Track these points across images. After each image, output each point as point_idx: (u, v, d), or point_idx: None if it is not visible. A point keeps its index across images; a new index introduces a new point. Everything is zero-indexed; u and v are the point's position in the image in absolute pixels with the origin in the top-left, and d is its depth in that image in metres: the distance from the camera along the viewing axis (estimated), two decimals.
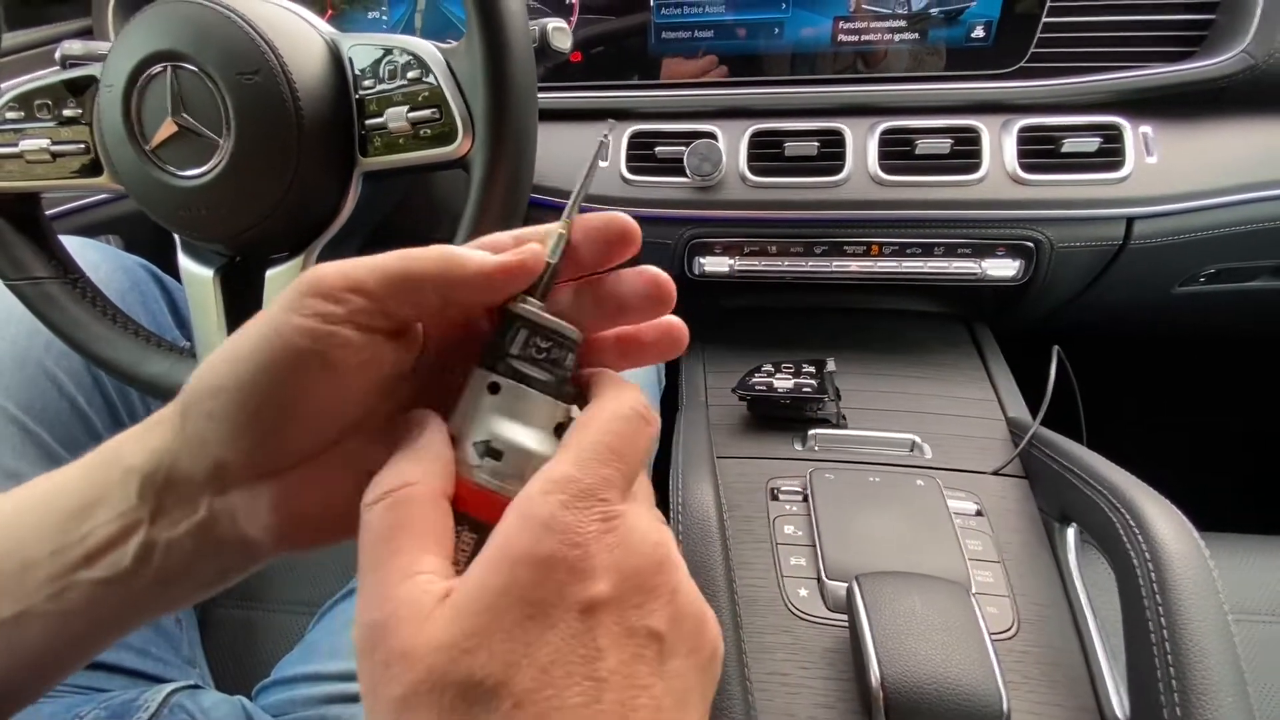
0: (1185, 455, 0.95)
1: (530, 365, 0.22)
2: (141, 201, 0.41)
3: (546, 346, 0.22)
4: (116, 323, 0.46)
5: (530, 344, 0.22)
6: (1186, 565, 0.36)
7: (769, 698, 0.40)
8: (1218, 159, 0.59)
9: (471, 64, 0.36)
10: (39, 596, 0.24)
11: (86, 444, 0.46)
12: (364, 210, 0.43)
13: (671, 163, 0.62)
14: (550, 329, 0.22)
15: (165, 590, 0.24)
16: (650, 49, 0.66)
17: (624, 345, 0.25)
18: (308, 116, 0.38)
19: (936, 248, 0.63)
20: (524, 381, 0.22)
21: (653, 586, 0.19)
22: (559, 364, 0.22)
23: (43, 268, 0.45)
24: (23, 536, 0.24)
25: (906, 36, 0.63)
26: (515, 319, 0.22)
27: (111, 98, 0.39)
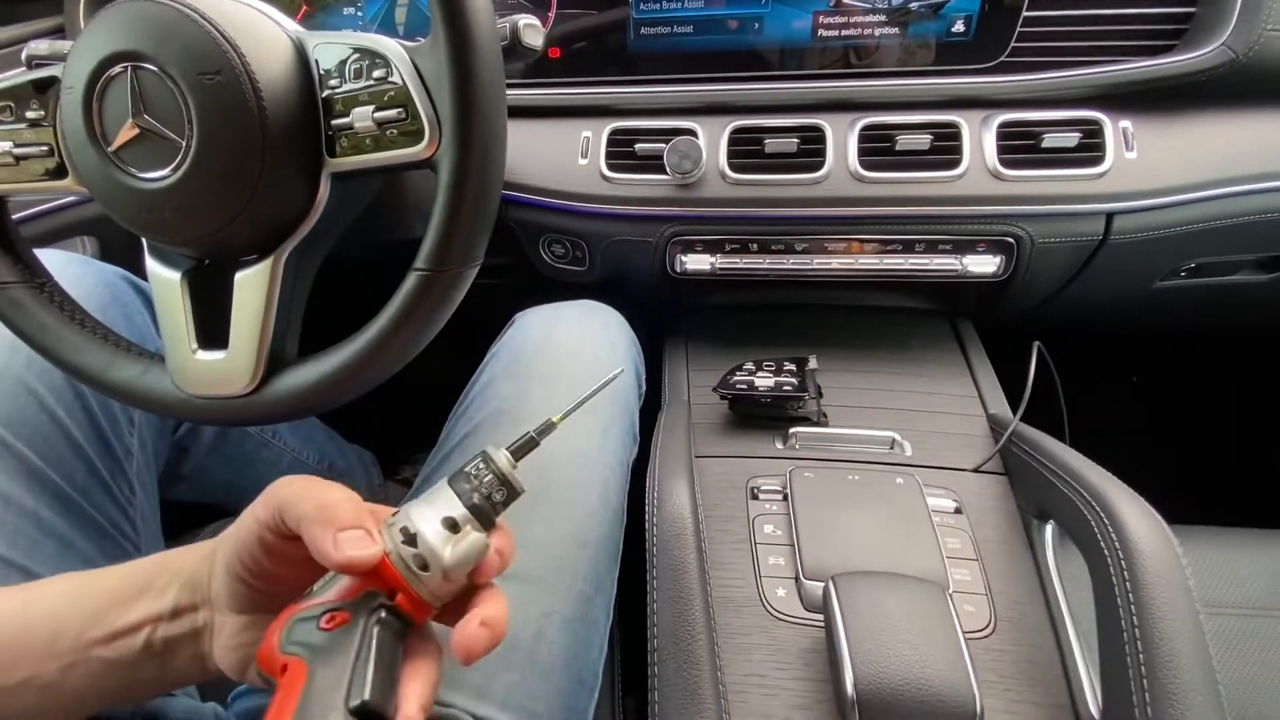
0: (1168, 450, 0.96)
1: (473, 490, 0.31)
2: (104, 204, 0.40)
3: (493, 486, 0.32)
4: (85, 328, 0.45)
5: (481, 479, 0.32)
6: (1158, 562, 0.36)
7: (744, 699, 0.40)
8: (1198, 153, 0.59)
9: (437, 62, 0.35)
10: (51, 666, 0.32)
11: (68, 458, 0.46)
12: (335, 211, 0.43)
13: (651, 160, 0.62)
14: (503, 477, 0.32)
15: (143, 680, 0.33)
16: (630, 45, 0.66)
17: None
18: (272, 117, 0.37)
19: (917, 244, 0.63)
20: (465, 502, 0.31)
21: None
22: (492, 500, 0.32)
23: (8, 272, 0.44)
24: (59, 611, 0.33)
25: (887, 32, 0.62)
26: (489, 462, 0.32)
27: (72, 99, 0.38)
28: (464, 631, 0.29)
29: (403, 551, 0.29)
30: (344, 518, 0.29)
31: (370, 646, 0.28)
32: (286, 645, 0.28)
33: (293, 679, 0.27)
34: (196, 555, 0.34)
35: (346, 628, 0.28)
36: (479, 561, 0.30)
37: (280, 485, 0.31)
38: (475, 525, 0.31)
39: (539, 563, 0.43)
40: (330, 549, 0.28)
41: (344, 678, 0.26)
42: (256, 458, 0.74)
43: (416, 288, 0.38)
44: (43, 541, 0.45)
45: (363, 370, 0.40)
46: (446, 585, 0.30)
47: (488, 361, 0.56)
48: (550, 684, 0.40)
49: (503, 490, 0.32)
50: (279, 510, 0.30)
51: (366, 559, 0.28)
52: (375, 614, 0.29)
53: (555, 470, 0.46)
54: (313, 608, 0.29)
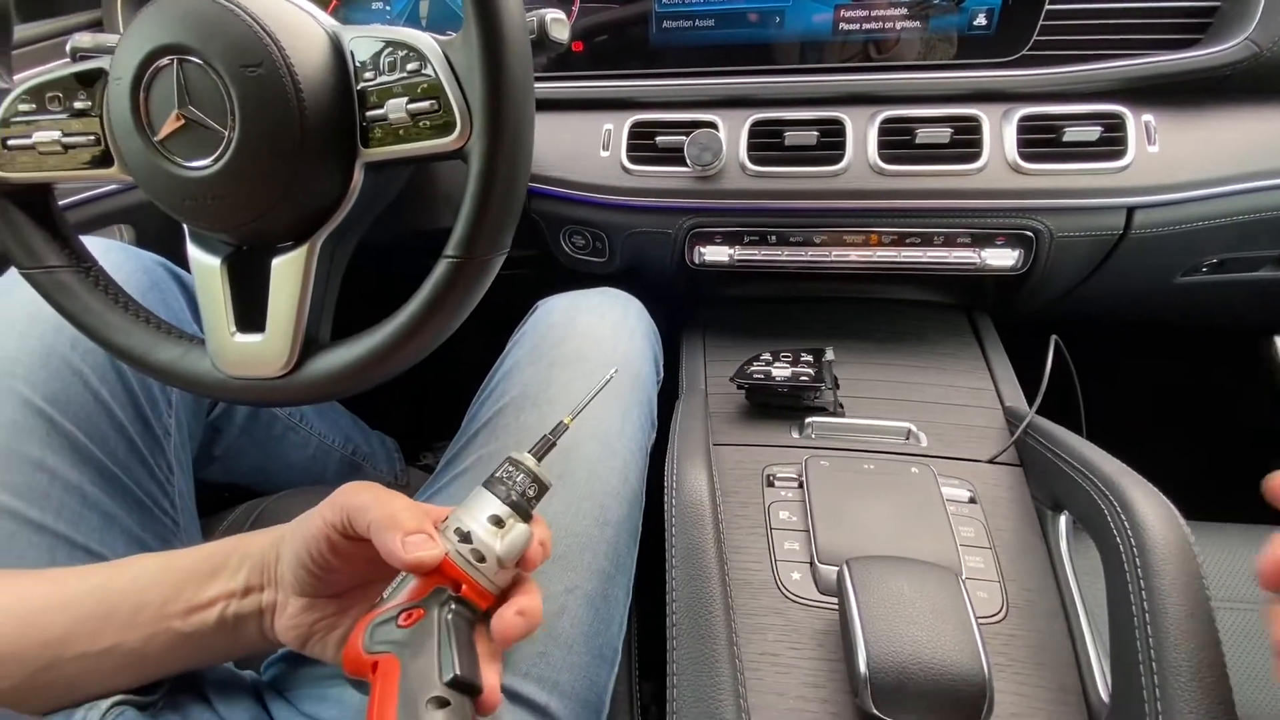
0: (1186, 446, 0.95)
1: (509, 490, 0.36)
2: (149, 192, 0.42)
3: (525, 484, 0.36)
4: (129, 310, 0.47)
5: (514, 479, 0.36)
6: (1170, 550, 0.36)
7: (759, 676, 0.41)
8: (1221, 148, 0.58)
9: (468, 56, 0.37)
10: (134, 636, 0.36)
11: (111, 436, 0.49)
12: (367, 200, 0.44)
13: (672, 152, 0.63)
14: (534, 476, 0.37)
15: (213, 649, 0.38)
16: (652, 38, 0.66)
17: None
18: (310, 108, 0.38)
19: (936, 237, 0.63)
20: (505, 501, 0.35)
21: None
22: (527, 496, 0.36)
23: (56, 256, 0.46)
24: (145, 585, 0.37)
25: (908, 25, 0.63)
26: (517, 465, 0.37)
27: (120, 90, 0.39)
28: (502, 619, 0.33)
29: (460, 549, 0.33)
30: (408, 523, 0.33)
31: (449, 631, 0.31)
32: (372, 645, 0.32)
33: (387, 671, 0.30)
34: (265, 541, 0.38)
35: (423, 622, 0.32)
36: (525, 550, 0.34)
37: (348, 492, 0.35)
38: (517, 519, 0.35)
39: (562, 540, 0.44)
40: (400, 551, 0.32)
41: (433, 660, 0.30)
42: (285, 441, 0.76)
43: (447, 274, 0.39)
44: (87, 515, 0.47)
45: (394, 354, 0.42)
46: (502, 574, 0.34)
47: (511, 347, 0.57)
48: (572, 657, 0.42)
49: (535, 486, 0.36)
50: (347, 514, 0.33)
51: (431, 559, 0.32)
52: (446, 605, 0.33)
53: (577, 452, 0.47)
54: (388, 611, 0.33)
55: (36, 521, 0.45)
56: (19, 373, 0.47)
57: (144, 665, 0.37)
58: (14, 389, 0.47)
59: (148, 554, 0.40)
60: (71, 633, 0.35)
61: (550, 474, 0.37)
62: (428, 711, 0.29)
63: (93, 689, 0.36)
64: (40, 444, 0.46)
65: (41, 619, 0.36)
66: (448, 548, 0.34)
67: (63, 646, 0.35)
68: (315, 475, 0.79)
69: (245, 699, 0.41)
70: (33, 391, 0.47)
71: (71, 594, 0.37)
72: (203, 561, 0.38)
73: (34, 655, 0.35)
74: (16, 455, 0.45)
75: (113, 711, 0.36)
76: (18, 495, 0.44)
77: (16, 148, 0.44)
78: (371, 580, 0.38)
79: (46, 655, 0.35)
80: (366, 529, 0.33)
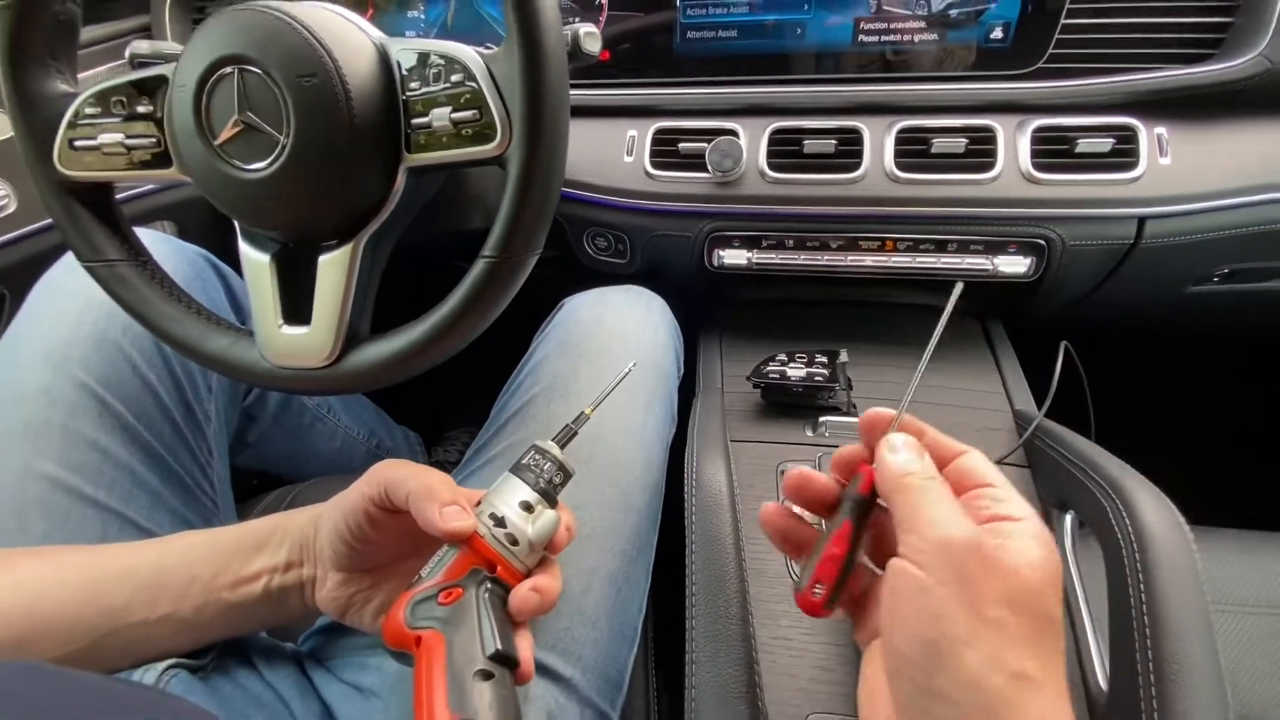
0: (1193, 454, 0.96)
1: (537, 477, 0.38)
2: (207, 192, 0.44)
3: (552, 472, 0.39)
4: (181, 302, 0.50)
5: (541, 467, 0.38)
6: (1169, 547, 0.38)
7: (773, 659, 0.43)
8: (1232, 160, 0.60)
9: (510, 69, 0.39)
10: (186, 605, 0.38)
11: (158, 419, 0.52)
12: (407, 202, 0.47)
13: (693, 158, 0.65)
14: (560, 463, 0.39)
15: (260, 618, 0.40)
16: (676, 48, 0.69)
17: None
18: (359, 116, 0.41)
19: (949, 244, 0.65)
20: (534, 487, 0.38)
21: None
22: (553, 483, 0.38)
23: (116, 251, 0.49)
24: (195, 559, 0.39)
25: (926, 37, 0.64)
26: (543, 453, 0.39)
27: (184, 97, 0.42)
28: (518, 594, 0.35)
29: (495, 532, 0.36)
30: (444, 495, 0.35)
31: (488, 609, 0.34)
32: (415, 622, 0.34)
33: (432, 646, 0.33)
34: (304, 519, 0.40)
35: (462, 600, 0.34)
36: (554, 534, 0.37)
37: (386, 466, 0.37)
38: (544, 505, 0.37)
39: (587, 522, 0.47)
40: (436, 519, 0.34)
41: (475, 635, 0.33)
42: (313, 431, 0.79)
43: (484, 272, 0.42)
44: (136, 493, 0.50)
45: (432, 347, 0.44)
46: (533, 555, 0.36)
47: (539, 342, 0.60)
48: (595, 633, 0.44)
49: (560, 473, 0.39)
50: (385, 487, 0.36)
51: (466, 528, 0.35)
52: (483, 585, 0.35)
53: (603, 441, 0.50)
54: (428, 589, 0.35)
55: (90, 497, 0.47)
56: (74, 356, 0.50)
57: (196, 631, 0.39)
58: (71, 372, 0.50)
59: (194, 531, 0.42)
60: (131, 601, 0.38)
61: (577, 462, 0.40)
62: (475, 682, 0.31)
63: (150, 653, 0.39)
64: (94, 424, 0.49)
65: (103, 589, 0.38)
66: (483, 531, 0.36)
67: (124, 614, 0.38)
68: (341, 465, 0.82)
69: (288, 665, 0.43)
70: (87, 375, 0.50)
71: (129, 566, 0.39)
72: (246, 538, 0.40)
73: (98, 622, 0.38)
74: (73, 434, 0.48)
75: (167, 673, 0.38)
76: (75, 472, 0.47)
77: (82, 148, 0.47)
78: (404, 555, 0.41)
79: (109, 623, 0.38)
80: (404, 500, 0.35)
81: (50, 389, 0.49)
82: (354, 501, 0.37)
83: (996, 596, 0.25)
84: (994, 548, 0.26)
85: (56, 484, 0.46)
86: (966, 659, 0.25)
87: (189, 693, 0.38)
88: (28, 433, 0.47)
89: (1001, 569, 0.26)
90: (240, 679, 0.41)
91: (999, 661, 0.24)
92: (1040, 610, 0.26)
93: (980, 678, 0.24)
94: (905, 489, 0.30)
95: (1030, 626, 0.25)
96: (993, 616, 0.25)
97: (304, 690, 0.42)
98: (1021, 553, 0.26)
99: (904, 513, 0.29)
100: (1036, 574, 0.26)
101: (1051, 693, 0.25)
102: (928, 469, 0.30)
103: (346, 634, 0.45)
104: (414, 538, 0.37)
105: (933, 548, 0.27)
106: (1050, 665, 0.25)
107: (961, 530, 0.27)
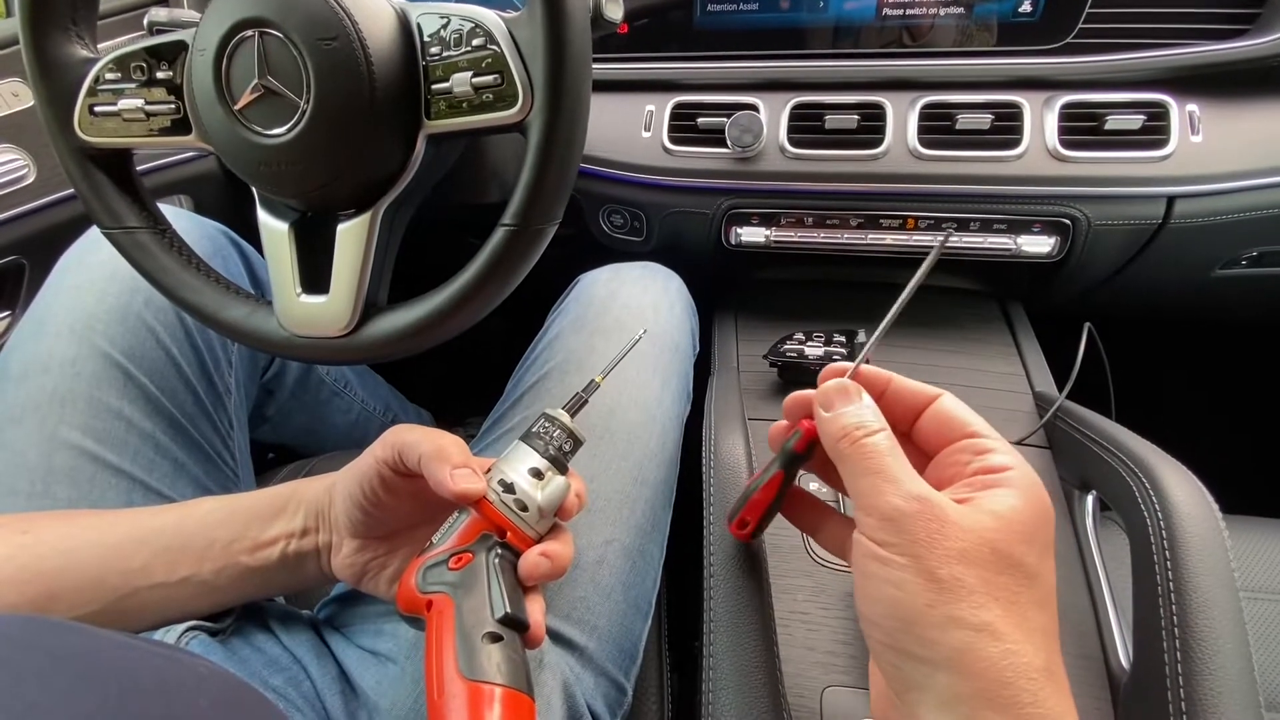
0: (1219, 439, 0.94)
1: (546, 445, 0.38)
2: (227, 158, 0.44)
3: (562, 439, 0.38)
4: (200, 271, 0.50)
5: (550, 434, 0.38)
6: (1197, 524, 0.37)
7: (790, 633, 0.43)
8: (1266, 139, 0.58)
9: (532, 32, 0.38)
10: (206, 568, 0.39)
11: (180, 390, 0.52)
12: (425, 171, 0.46)
13: (713, 133, 0.64)
14: (569, 430, 0.38)
15: (278, 582, 0.41)
16: (695, 21, 0.68)
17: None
18: (380, 80, 0.41)
19: (972, 223, 0.64)
20: (543, 454, 0.37)
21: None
22: (563, 450, 0.38)
23: (135, 218, 0.49)
24: (214, 524, 0.40)
25: (952, 10, 0.63)
26: (552, 420, 0.38)
27: (204, 62, 0.42)
28: (528, 559, 0.35)
29: (504, 498, 0.36)
30: (456, 457, 0.35)
31: (497, 574, 0.34)
32: (426, 586, 0.34)
33: (442, 610, 0.33)
34: (319, 486, 0.40)
35: (472, 565, 0.34)
36: (563, 501, 0.36)
37: (399, 430, 0.37)
38: (554, 472, 0.37)
39: (603, 495, 0.47)
40: (448, 482, 0.34)
41: (485, 599, 0.33)
42: (330, 405, 0.79)
43: (504, 241, 0.42)
44: (159, 462, 0.50)
45: (450, 317, 0.44)
46: (542, 521, 0.36)
47: (554, 317, 0.59)
48: (610, 603, 0.44)
49: (570, 441, 0.38)
50: (398, 450, 0.36)
51: (475, 490, 0.34)
52: (493, 550, 0.35)
53: (620, 415, 0.50)
54: (439, 555, 0.35)
55: (115, 465, 0.48)
56: (98, 328, 0.51)
57: (215, 594, 0.40)
58: (95, 343, 0.50)
59: (212, 496, 0.43)
60: (150, 564, 0.39)
61: (592, 435, 0.39)
62: (483, 644, 0.31)
63: (170, 615, 0.39)
64: (118, 394, 0.50)
65: (123, 551, 0.39)
66: (492, 497, 0.36)
67: (143, 576, 0.38)
68: (357, 439, 0.83)
69: (306, 630, 0.44)
70: (111, 346, 0.50)
71: (149, 530, 0.40)
72: (264, 504, 0.41)
73: (117, 584, 0.38)
74: (98, 403, 0.49)
75: (186, 635, 0.39)
76: (99, 440, 0.48)
77: (102, 114, 0.47)
78: (418, 523, 0.41)
79: (129, 584, 0.38)
80: (417, 462, 0.35)
81: (76, 360, 0.49)
82: (368, 465, 0.37)
83: (950, 556, 0.25)
84: (943, 508, 0.26)
85: (82, 452, 0.47)
86: (926, 618, 0.25)
87: (208, 654, 0.38)
88: (54, 402, 0.48)
89: (954, 529, 0.25)
90: (258, 642, 0.42)
91: (956, 619, 0.24)
92: (1004, 560, 0.25)
93: (940, 636, 0.25)
94: (843, 457, 0.29)
95: (988, 579, 0.25)
96: (947, 576, 0.25)
97: (321, 654, 0.42)
98: (984, 508, 0.26)
99: (850, 483, 0.29)
100: (1001, 525, 0.25)
101: (1016, 637, 0.24)
102: (868, 423, 0.29)
103: (363, 601, 0.46)
104: (428, 503, 0.37)
105: (880, 519, 0.27)
106: (1014, 613, 0.25)
107: (906, 497, 0.26)
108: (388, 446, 0.36)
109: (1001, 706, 0.24)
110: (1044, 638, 0.25)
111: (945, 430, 0.30)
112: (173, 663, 0.28)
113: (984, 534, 0.25)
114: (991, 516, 0.26)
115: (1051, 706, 0.24)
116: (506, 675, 0.31)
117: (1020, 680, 0.24)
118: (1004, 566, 0.25)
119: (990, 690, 0.24)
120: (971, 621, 0.24)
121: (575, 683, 0.42)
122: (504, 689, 0.30)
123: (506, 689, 0.30)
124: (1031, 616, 0.25)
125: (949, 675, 0.24)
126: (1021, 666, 0.24)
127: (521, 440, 0.38)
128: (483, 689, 0.30)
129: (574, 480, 0.38)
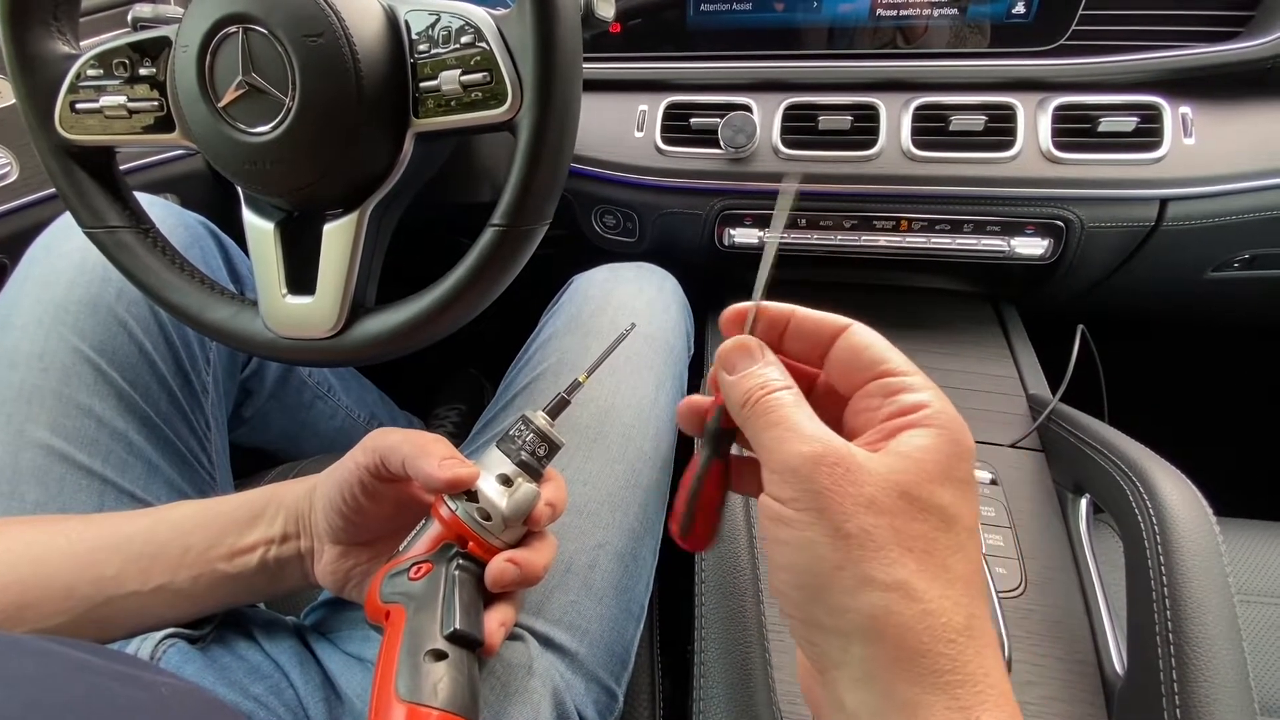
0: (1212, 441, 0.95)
1: (519, 450, 0.36)
2: (210, 156, 0.44)
3: (535, 444, 0.36)
4: (184, 271, 0.49)
5: (524, 439, 0.36)
6: (1191, 527, 0.37)
7: (781, 637, 0.42)
8: (1259, 142, 0.58)
9: (522, 30, 0.38)
10: (181, 575, 0.38)
11: (154, 388, 0.50)
12: (414, 171, 0.46)
13: (705, 134, 0.64)
14: (543, 435, 0.36)
15: (258, 589, 0.40)
16: (688, 21, 0.67)
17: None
18: (367, 77, 0.40)
19: (965, 225, 0.64)
20: (514, 460, 0.36)
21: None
22: (537, 456, 0.36)
23: (117, 217, 0.48)
24: (189, 530, 0.39)
25: (946, 12, 0.63)
26: (528, 424, 0.37)
27: (186, 58, 0.41)
28: (494, 566, 0.34)
29: (467, 507, 0.34)
30: (440, 451, 0.34)
31: (454, 587, 0.33)
32: (387, 596, 0.34)
33: (396, 621, 0.32)
34: (299, 490, 0.39)
35: (431, 575, 0.33)
36: (532, 510, 0.35)
37: (380, 435, 0.36)
38: (525, 479, 0.36)
39: (595, 498, 0.46)
40: (436, 471, 0.33)
41: (436, 613, 0.32)
42: (313, 410, 0.78)
43: (493, 241, 0.41)
44: (132, 463, 0.49)
45: (438, 318, 0.43)
46: (509, 531, 0.35)
47: (548, 318, 0.59)
48: (601, 608, 0.44)
49: (544, 446, 0.37)
50: (380, 455, 0.35)
51: (468, 475, 0.33)
52: (453, 561, 0.34)
53: (613, 417, 0.49)
54: (402, 564, 0.34)
55: (85, 466, 0.46)
56: (68, 320, 0.49)
57: (192, 602, 0.39)
58: (64, 336, 0.48)
59: (188, 501, 0.41)
60: (123, 572, 0.37)
61: (586, 436, 0.39)
62: (426, 662, 0.30)
63: (146, 623, 0.38)
64: (89, 391, 0.48)
65: (95, 559, 0.38)
66: (454, 506, 0.34)
67: (116, 584, 0.37)
68: (341, 446, 0.81)
69: (289, 637, 0.43)
70: (81, 340, 0.49)
71: (121, 536, 0.39)
72: (241, 508, 0.39)
73: (89, 592, 0.37)
74: (68, 400, 0.47)
75: (164, 644, 0.38)
76: (69, 440, 0.46)
77: (83, 111, 0.46)
78: (400, 529, 0.39)
79: (101, 593, 0.37)
80: (401, 466, 0.34)
81: (44, 354, 0.47)
82: (348, 471, 0.36)
83: (857, 506, 0.22)
84: (848, 452, 0.23)
85: (51, 451, 0.45)
86: (836, 583, 0.22)
87: (186, 663, 0.37)
88: (20, 399, 0.46)
89: (861, 474, 0.22)
90: (240, 650, 0.41)
91: (868, 578, 0.22)
92: (916, 505, 0.22)
93: (851, 601, 0.22)
94: (746, 421, 0.26)
95: (900, 529, 0.22)
96: (855, 529, 0.22)
97: (305, 661, 0.41)
98: (893, 449, 0.23)
99: (756, 446, 0.26)
100: (910, 465, 0.23)
101: (933, 594, 0.22)
102: (772, 381, 0.26)
103: (350, 607, 0.45)
104: (410, 509, 0.36)
105: (782, 472, 0.24)
106: (931, 565, 0.22)
107: (806, 444, 0.23)
108: (369, 451, 0.35)
109: (917, 676, 0.21)
110: (965, 588, 0.22)
111: (857, 365, 0.27)
112: (132, 684, 0.27)
113: (892, 477, 0.22)
114: (900, 458, 0.23)
115: (973, 670, 0.21)
116: (444, 698, 0.29)
117: (938, 645, 0.21)
118: (916, 512, 0.22)
119: (906, 659, 0.21)
120: (884, 580, 0.22)
121: (566, 689, 0.41)
122: (440, 714, 0.29)
123: (443, 714, 0.29)
124: (951, 565, 0.22)
125: (863, 647, 0.22)
126: (939, 629, 0.21)
127: (496, 445, 0.37)
128: (418, 712, 0.29)
129: (549, 487, 0.36)
